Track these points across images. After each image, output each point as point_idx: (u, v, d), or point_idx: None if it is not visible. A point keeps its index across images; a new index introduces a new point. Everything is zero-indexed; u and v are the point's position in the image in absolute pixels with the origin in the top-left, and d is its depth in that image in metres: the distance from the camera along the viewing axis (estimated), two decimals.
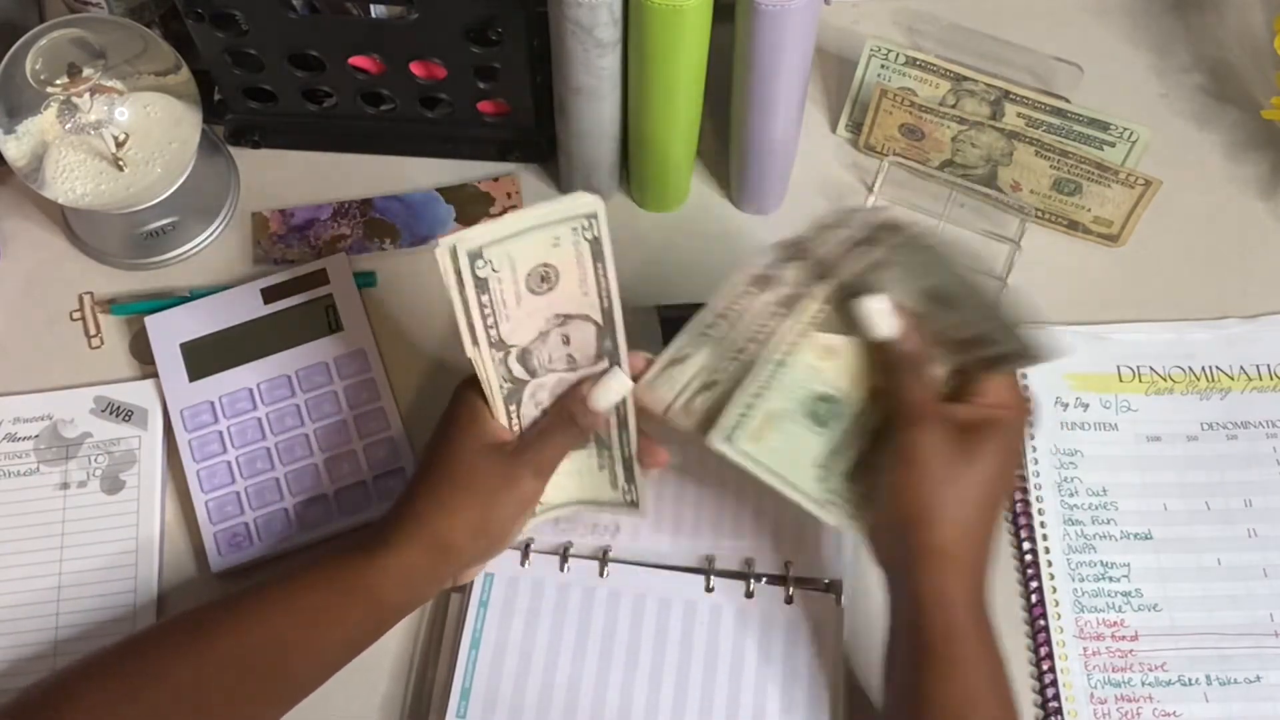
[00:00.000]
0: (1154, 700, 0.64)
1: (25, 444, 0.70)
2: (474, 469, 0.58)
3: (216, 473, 0.69)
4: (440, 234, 0.76)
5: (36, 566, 0.67)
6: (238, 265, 0.76)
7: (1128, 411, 0.72)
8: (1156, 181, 0.71)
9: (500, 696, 0.62)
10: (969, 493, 0.55)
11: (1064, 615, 0.66)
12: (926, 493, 0.55)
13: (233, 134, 0.80)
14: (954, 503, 0.55)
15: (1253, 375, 0.73)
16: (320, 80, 0.75)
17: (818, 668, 0.63)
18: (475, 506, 0.58)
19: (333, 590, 0.57)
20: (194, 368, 0.71)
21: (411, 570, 0.57)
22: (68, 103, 0.69)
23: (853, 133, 0.80)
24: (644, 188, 0.77)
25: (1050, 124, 0.75)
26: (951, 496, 0.55)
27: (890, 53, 0.77)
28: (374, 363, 0.71)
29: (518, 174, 0.79)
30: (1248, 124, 0.81)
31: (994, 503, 0.56)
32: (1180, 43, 0.85)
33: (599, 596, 0.65)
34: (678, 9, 0.61)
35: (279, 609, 0.57)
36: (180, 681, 0.55)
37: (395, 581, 0.57)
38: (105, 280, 0.76)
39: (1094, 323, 0.74)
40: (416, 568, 0.57)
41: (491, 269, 0.55)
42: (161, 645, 0.57)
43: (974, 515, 0.55)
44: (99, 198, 0.71)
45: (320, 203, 0.78)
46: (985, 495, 0.55)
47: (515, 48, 0.70)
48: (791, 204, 0.78)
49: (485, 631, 0.64)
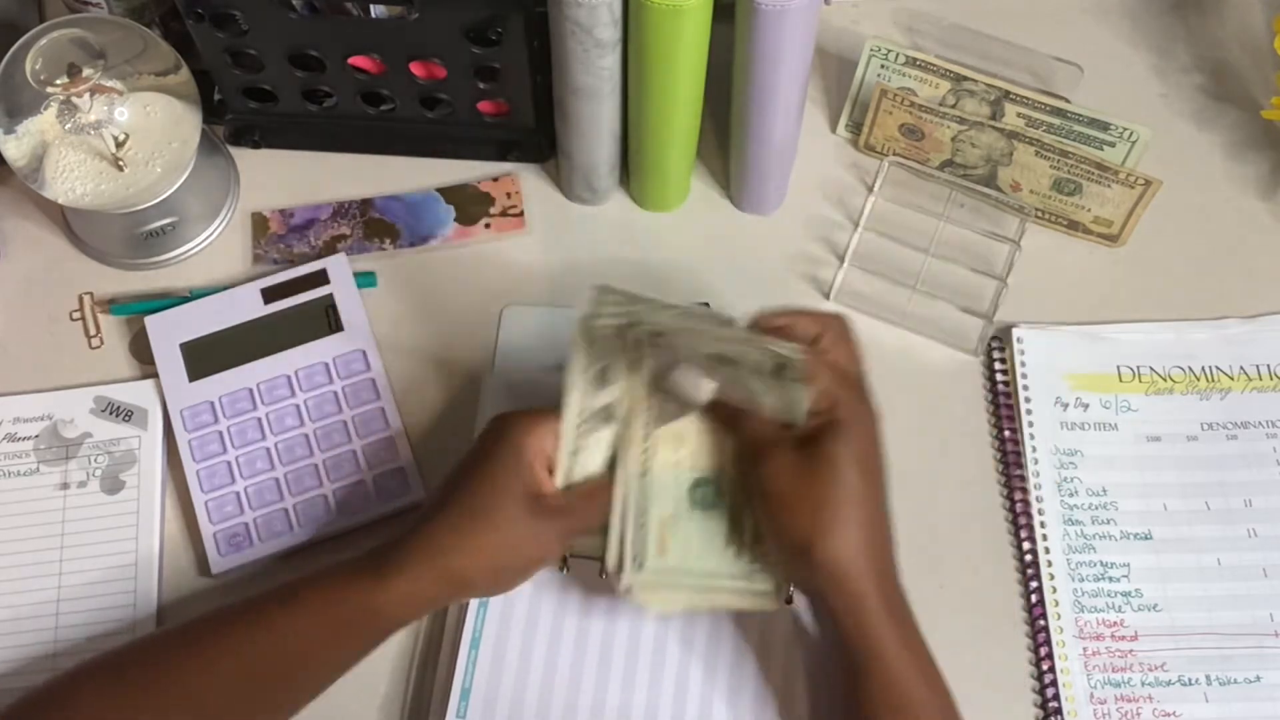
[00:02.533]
0: (1154, 700, 0.64)
1: (25, 444, 0.70)
2: (507, 516, 0.57)
3: (216, 473, 0.69)
4: (440, 234, 0.76)
5: (36, 567, 0.67)
6: (238, 265, 0.76)
7: (1128, 411, 0.72)
8: (1156, 181, 0.71)
9: (500, 696, 0.63)
10: (834, 499, 0.55)
11: (1064, 615, 0.66)
12: (796, 516, 0.55)
13: (233, 134, 0.80)
14: (824, 515, 0.54)
15: (1253, 375, 0.73)
16: (320, 80, 0.75)
17: (817, 666, 0.63)
18: (499, 551, 0.57)
19: (343, 608, 0.57)
20: (194, 368, 0.71)
21: (420, 597, 0.57)
22: (68, 103, 0.69)
23: (853, 133, 0.80)
24: (644, 188, 0.77)
25: (1050, 124, 0.75)
26: (819, 511, 0.55)
27: (890, 53, 0.77)
28: (374, 363, 0.71)
29: (518, 174, 0.79)
30: (1248, 124, 0.81)
31: (865, 498, 0.55)
32: (1180, 43, 0.85)
33: (599, 595, 0.65)
34: (678, 9, 0.61)
35: (288, 623, 0.57)
36: (185, 690, 0.55)
37: (403, 606, 0.57)
38: (105, 280, 0.76)
39: (1094, 323, 0.74)
40: (425, 595, 0.57)
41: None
42: (167, 652, 0.57)
43: (852, 516, 0.55)
44: (99, 198, 0.71)
45: (320, 203, 0.78)
46: (852, 495, 0.55)
47: (515, 48, 0.70)
48: (791, 204, 0.78)
49: (485, 631, 0.64)
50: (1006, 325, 0.73)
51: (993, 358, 0.73)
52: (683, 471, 0.60)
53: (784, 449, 0.56)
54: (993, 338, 0.74)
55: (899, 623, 0.55)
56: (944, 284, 0.74)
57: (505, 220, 0.77)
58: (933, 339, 0.74)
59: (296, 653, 0.57)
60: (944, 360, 0.73)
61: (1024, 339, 0.73)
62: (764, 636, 0.64)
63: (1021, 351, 0.73)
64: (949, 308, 0.73)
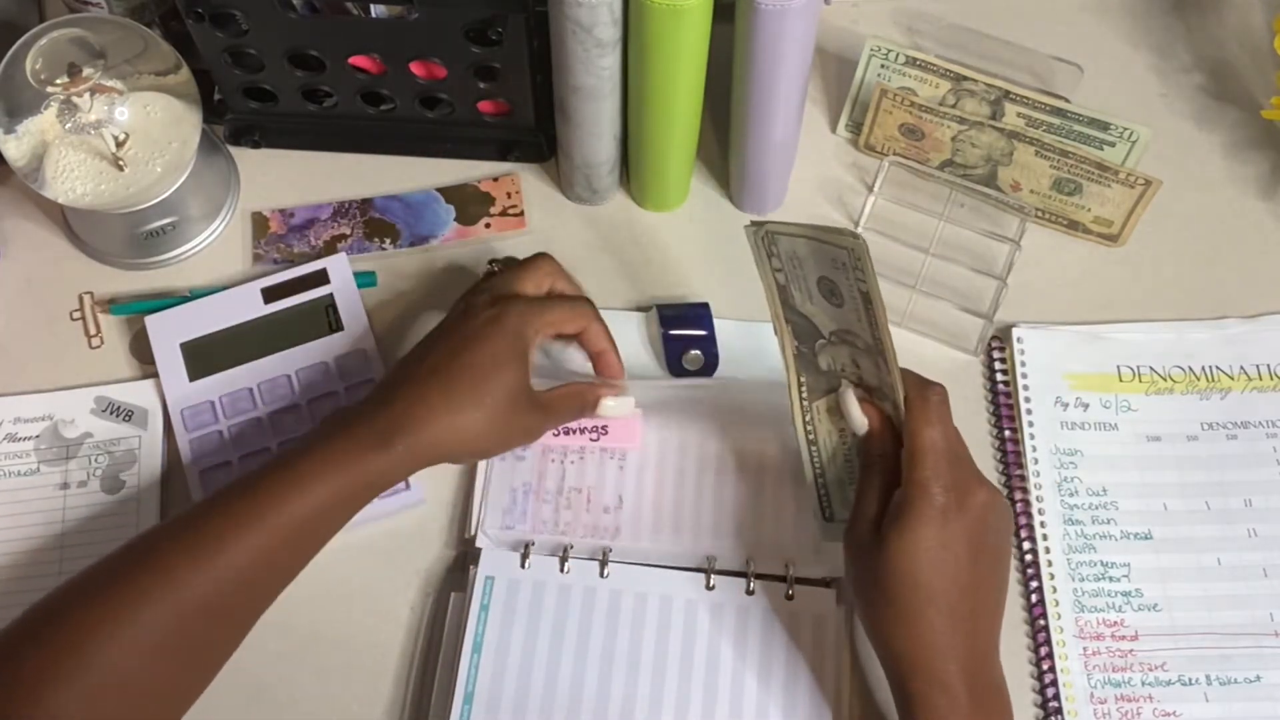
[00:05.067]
0: (1154, 700, 0.64)
1: (26, 444, 0.70)
2: (505, 404, 0.60)
3: (216, 473, 0.69)
4: (440, 234, 0.76)
5: (36, 566, 0.67)
6: (238, 265, 0.76)
7: (1128, 411, 0.72)
8: (1156, 181, 0.71)
9: (504, 700, 0.62)
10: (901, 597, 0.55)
11: (1064, 615, 0.66)
12: (869, 607, 0.57)
13: (233, 134, 0.80)
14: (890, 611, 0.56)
15: (1253, 375, 0.73)
16: (320, 80, 0.75)
17: (820, 663, 0.63)
18: (489, 434, 0.61)
19: (353, 480, 0.58)
20: (194, 368, 0.71)
21: (412, 465, 0.59)
22: (68, 103, 0.69)
23: (853, 133, 0.80)
24: (644, 187, 0.77)
25: (1050, 124, 0.75)
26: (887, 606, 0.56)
27: (890, 53, 0.77)
28: (374, 363, 0.71)
29: (518, 174, 0.79)
30: (1248, 124, 0.81)
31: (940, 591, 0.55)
32: (1180, 43, 0.85)
33: (600, 596, 0.65)
34: (678, 9, 0.61)
35: (300, 501, 0.57)
36: (184, 598, 0.54)
37: (398, 473, 0.59)
38: (105, 280, 0.76)
39: (1094, 323, 0.74)
40: (417, 463, 0.60)
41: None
42: (164, 556, 0.56)
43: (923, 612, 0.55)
44: (99, 198, 0.71)
45: (320, 203, 0.78)
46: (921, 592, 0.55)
47: (515, 48, 0.70)
48: (791, 204, 0.78)
49: (487, 635, 0.64)
50: (1006, 325, 0.73)
51: (993, 358, 0.73)
52: (848, 437, 0.62)
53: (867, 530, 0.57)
54: (993, 338, 0.74)
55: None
56: (944, 284, 0.74)
57: (505, 220, 0.77)
58: (933, 339, 0.74)
59: (305, 529, 0.58)
60: (944, 360, 0.73)
61: (1024, 339, 0.73)
62: (766, 633, 0.64)
63: (1021, 351, 0.73)
64: (949, 307, 0.73)
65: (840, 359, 0.60)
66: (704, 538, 0.67)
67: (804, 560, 0.66)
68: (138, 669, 0.54)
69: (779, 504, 0.68)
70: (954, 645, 0.55)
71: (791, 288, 0.59)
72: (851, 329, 0.58)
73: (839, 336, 0.59)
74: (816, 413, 0.62)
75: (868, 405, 0.60)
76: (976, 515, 0.55)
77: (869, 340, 0.57)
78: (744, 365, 0.72)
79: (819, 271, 0.57)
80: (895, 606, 0.55)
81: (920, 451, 0.56)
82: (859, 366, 0.60)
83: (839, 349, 0.60)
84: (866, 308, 0.55)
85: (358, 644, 0.65)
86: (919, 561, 0.54)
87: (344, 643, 0.64)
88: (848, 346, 0.59)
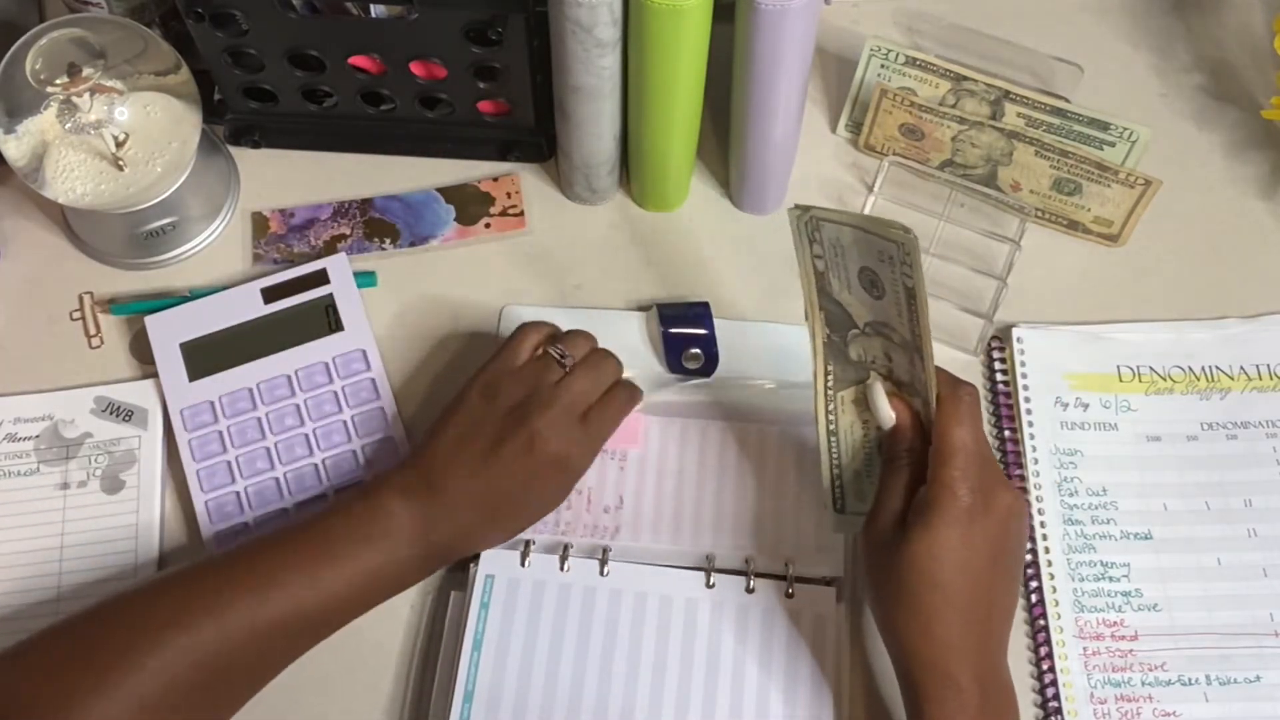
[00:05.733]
0: (1154, 700, 0.64)
1: (26, 444, 0.70)
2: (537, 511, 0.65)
3: (216, 473, 0.69)
4: (440, 234, 0.76)
5: (36, 566, 0.67)
6: (238, 265, 0.76)
7: (1128, 411, 0.72)
8: (1156, 181, 0.71)
9: (504, 698, 0.62)
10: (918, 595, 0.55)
11: (1064, 615, 0.66)
12: (881, 604, 0.58)
13: (233, 134, 0.80)
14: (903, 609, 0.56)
15: (1253, 375, 0.73)
16: (320, 80, 0.75)
17: (820, 661, 0.63)
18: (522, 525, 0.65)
19: (376, 595, 0.60)
20: (194, 368, 0.71)
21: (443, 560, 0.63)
22: (68, 102, 0.69)
23: (853, 133, 0.80)
24: (644, 188, 0.77)
25: (1050, 124, 0.75)
26: (899, 605, 0.56)
27: (890, 53, 0.77)
28: (374, 363, 0.71)
29: (518, 174, 0.79)
30: (1248, 124, 0.81)
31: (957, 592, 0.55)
32: (1180, 43, 0.85)
33: (600, 595, 0.65)
34: (678, 9, 0.61)
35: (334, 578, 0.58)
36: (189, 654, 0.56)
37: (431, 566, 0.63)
38: (105, 280, 0.76)
39: (1094, 323, 0.74)
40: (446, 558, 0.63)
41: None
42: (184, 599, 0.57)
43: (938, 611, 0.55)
44: (99, 198, 0.71)
45: (320, 203, 0.78)
46: (938, 592, 0.55)
47: (515, 48, 0.70)
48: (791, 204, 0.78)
49: (487, 633, 0.64)
50: (1006, 325, 0.73)
51: (993, 358, 0.73)
52: (870, 429, 0.62)
53: (889, 525, 0.57)
54: (993, 338, 0.74)
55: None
56: (944, 284, 0.74)
57: (505, 220, 0.77)
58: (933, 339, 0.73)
59: (336, 606, 0.59)
60: (944, 360, 0.73)
61: (1024, 339, 0.73)
62: (766, 631, 0.64)
63: (1021, 351, 0.73)
64: (949, 307, 0.73)
65: (872, 350, 0.60)
66: (704, 536, 0.67)
67: (804, 559, 0.66)
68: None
69: (779, 502, 0.68)
70: (967, 646, 0.55)
71: (830, 275, 0.58)
72: (889, 322, 0.58)
73: (874, 328, 0.59)
74: (840, 403, 0.62)
75: (897, 400, 0.60)
76: (1000, 519, 0.55)
77: (907, 336, 0.57)
78: (744, 365, 0.72)
79: (861, 262, 0.56)
80: (912, 603, 0.55)
81: (949, 451, 0.56)
82: (891, 360, 0.59)
83: (872, 341, 0.59)
84: (910, 303, 0.55)
85: (358, 642, 0.65)
86: (941, 561, 0.54)
87: (344, 640, 0.64)
88: (882, 339, 0.59)
